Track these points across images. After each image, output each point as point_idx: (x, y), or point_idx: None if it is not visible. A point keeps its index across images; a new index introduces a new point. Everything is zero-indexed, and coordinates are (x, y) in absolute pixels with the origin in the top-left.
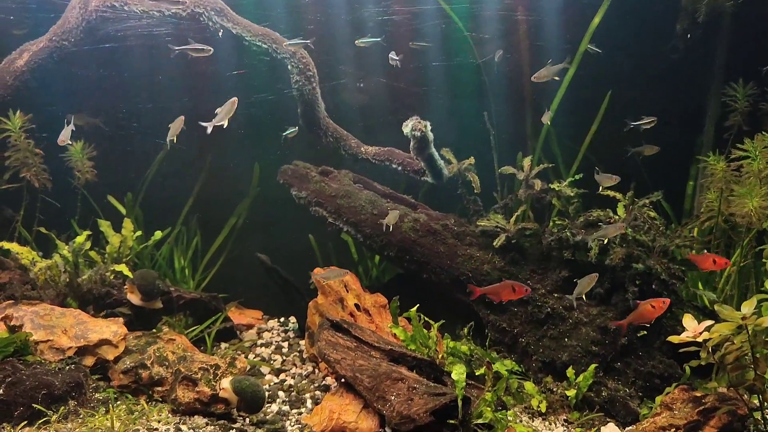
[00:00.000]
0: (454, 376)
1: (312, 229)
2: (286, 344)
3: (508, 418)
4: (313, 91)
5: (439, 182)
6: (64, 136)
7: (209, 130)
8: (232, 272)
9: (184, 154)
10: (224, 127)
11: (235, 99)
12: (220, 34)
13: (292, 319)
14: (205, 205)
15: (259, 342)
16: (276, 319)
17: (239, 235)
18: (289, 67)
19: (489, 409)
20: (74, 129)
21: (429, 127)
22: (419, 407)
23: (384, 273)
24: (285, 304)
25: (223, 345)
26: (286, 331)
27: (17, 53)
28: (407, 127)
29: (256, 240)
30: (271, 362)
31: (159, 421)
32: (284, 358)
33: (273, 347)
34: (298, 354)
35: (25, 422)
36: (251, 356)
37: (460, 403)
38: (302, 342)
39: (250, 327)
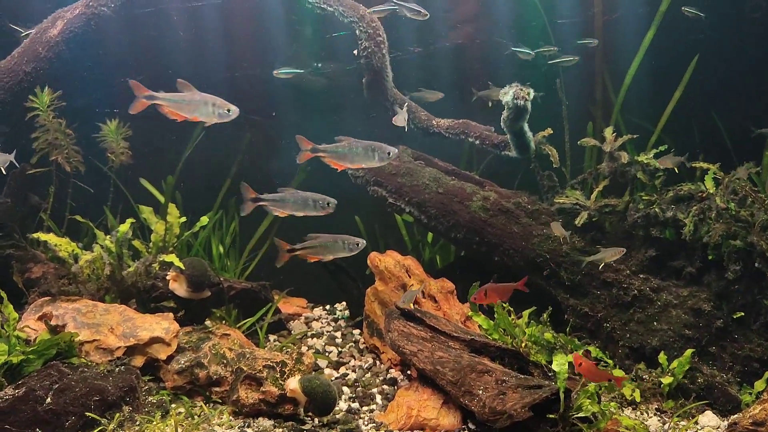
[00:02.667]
0: (555, 366)
1: (357, 211)
2: (338, 334)
3: (612, 410)
4: (382, 59)
5: (524, 156)
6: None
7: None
8: (272, 259)
9: (221, 134)
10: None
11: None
12: None
13: (338, 306)
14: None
15: (310, 333)
16: (321, 307)
17: (281, 219)
18: (357, 32)
19: (591, 401)
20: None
21: (532, 96)
22: (515, 402)
23: (437, 256)
24: (332, 290)
25: (272, 337)
26: (335, 320)
27: (50, 21)
28: (507, 95)
29: (300, 224)
30: (327, 354)
31: (221, 425)
32: (340, 349)
33: (325, 337)
34: (354, 344)
35: None
36: (304, 348)
37: (562, 396)
38: (356, 331)
39: (296, 316)
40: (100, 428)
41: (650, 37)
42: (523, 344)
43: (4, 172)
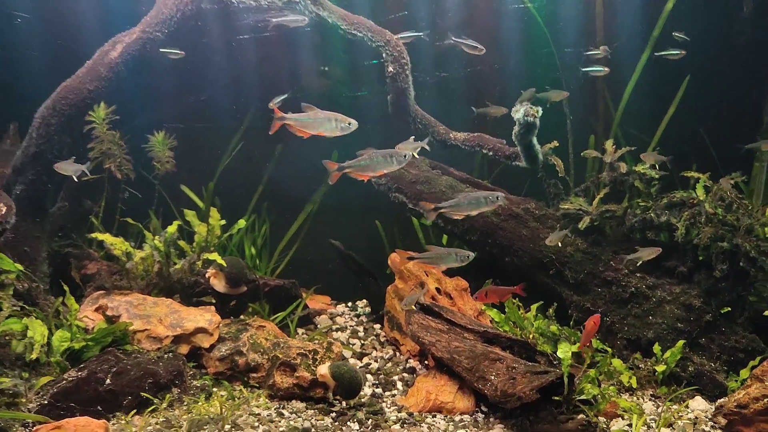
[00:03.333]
0: (560, 354)
1: (378, 216)
2: (360, 328)
3: (611, 393)
4: (406, 79)
5: (533, 167)
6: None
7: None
8: (299, 259)
9: (256, 144)
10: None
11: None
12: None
13: (359, 303)
14: (275, 194)
15: (334, 327)
16: (344, 304)
17: (309, 222)
18: (383, 55)
19: (591, 385)
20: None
21: (540, 114)
22: (524, 385)
23: None
24: (352, 288)
25: (300, 331)
26: (357, 316)
27: (110, 45)
28: (519, 113)
29: (324, 227)
30: (351, 346)
31: (259, 407)
32: (362, 342)
33: (349, 331)
34: (375, 337)
35: (134, 411)
36: (330, 340)
37: (566, 380)
38: (376, 325)
39: (321, 312)
40: (153, 407)
41: (644, 59)
42: (531, 336)
43: (76, 179)
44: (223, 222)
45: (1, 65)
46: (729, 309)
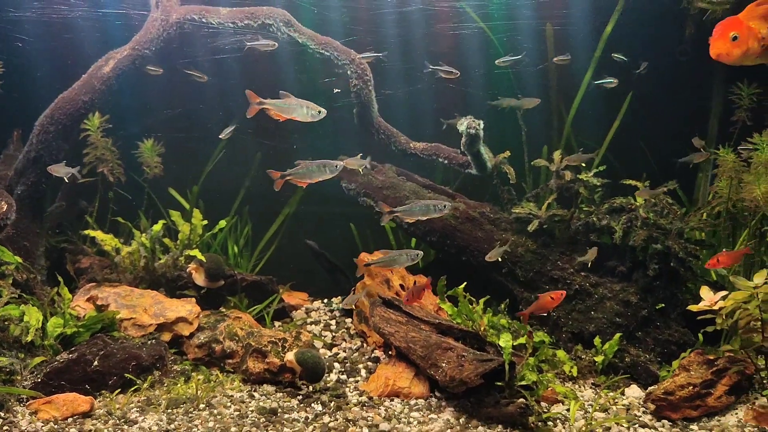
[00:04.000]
0: (501, 343)
1: (352, 219)
2: (333, 322)
3: (548, 379)
4: (369, 94)
5: (483, 174)
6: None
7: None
8: (279, 258)
9: (238, 152)
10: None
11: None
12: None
13: (335, 299)
14: (255, 197)
15: (309, 320)
16: (320, 300)
17: (288, 224)
18: (348, 72)
19: (532, 372)
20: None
21: (482, 126)
22: (470, 371)
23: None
24: (329, 285)
25: (277, 323)
26: (331, 311)
27: (104, 60)
28: (462, 125)
29: (302, 229)
30: (323, 338)
31: (233, 389)
32: (333, 334)
33: (322, 325)
34: (345, 330)
35: (119, 390)
36: (308, 334)
37: (507, 367)
38: (348, 320)
39: (298, 307)
40: (135, 387)
41: (588, 77)
42: (482, 328)
43: (67, 180)
44: (206, 222)
45: (8, 81)
46: (663, 305)
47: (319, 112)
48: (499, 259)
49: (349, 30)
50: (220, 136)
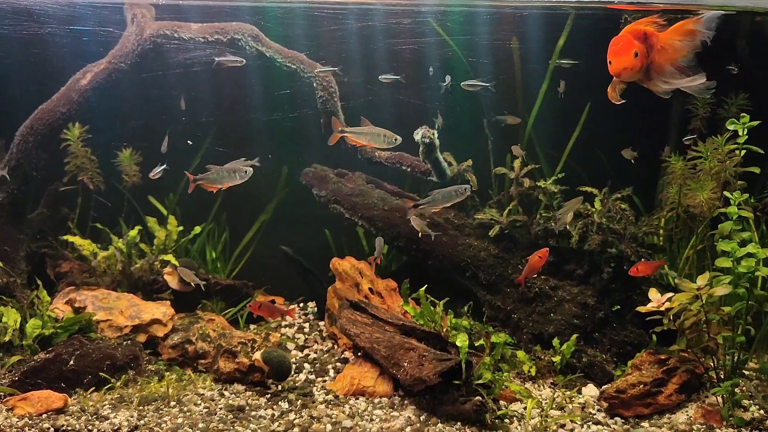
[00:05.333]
0: (458, 343)
1: (327, 225)
2: (307, 325)
3: (503, 378)
4: (335, 105)
5: (443, 181)
6: None
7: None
8: (256, 263)
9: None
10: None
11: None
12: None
13: (311, 304)
14: (232, 204)
15: (284, 324)
16: (296, 304)
17: (264, 230)
18: (314, 84)
19: (488, 371)
20: None
21: (436, 135)
22: (429, 371)
23: (391, 262)
24: (304, 290)
25: (252, 326)
26: (306, 314)
27: (81, 74)
28: (418, 135)
29: (278, 235)
30: (296, 340)
31: (204, 388)
32: (306, 336)
33: (296, 328)
34: (318, 333)
35: (93, 388)
36: (277, 335)
37: (464, 366)
38: (321, 323)
39: None
40: (109, 385)
41: (544, 89)
42: (445, 329)
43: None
44: (181, 228)
45: None
46: (619, 307)
47: (395, 139)
48: (462, 264)
49: (312, 45)
50: (150, 176)
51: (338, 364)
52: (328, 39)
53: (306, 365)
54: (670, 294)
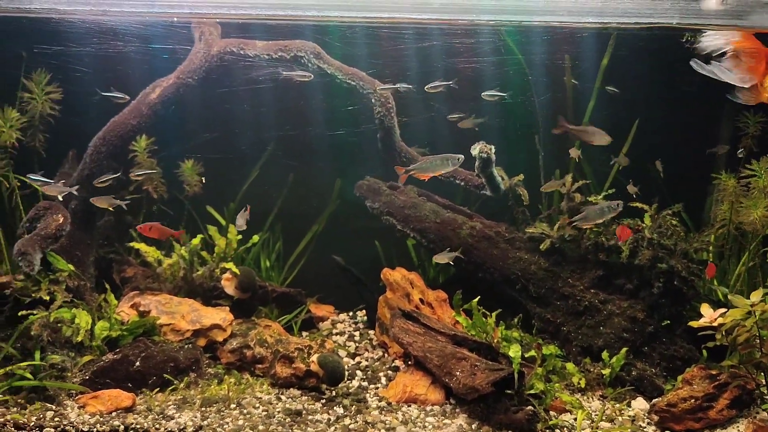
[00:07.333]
0: (511, 353)
1: (377, 237)
2: (357, 333)
3: (555, 389)
4: (391, 120)
5: (497, 195)
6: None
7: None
8: (308, 272)
9: (272, 173)
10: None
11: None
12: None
13: (360, 313)
14: (287, 215)
15: (334, 331)
16: (346, 313)
17: (317, 240)
18: (372, 100)
19: (540, 381)
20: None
21: (493, 150)
22: (482, 380)
23: (439, 274)
24: (355, 299)
25: (304, 333)
26: (356, 323)
27: (151, 88)
28: (475, 150)
29: (330, 245)
30: (346, 347)
31: (262, 392)
32: (357, 344)
33: (346, 336)
34: (368, 341)
35: (158, 389)
36: (332, 342)
37: (516, 375)
38: (371, 332)
39: (324, 319)
40: (173, 387)
41: (591, 106)
42: (495, 340)
43: (61, 199)
44: (240, 237)
45: (67, 106)
46: (669, 322)
47: (459, 159)
48: (512, 277)
49: (372, 63)
50: (130, 176)
51: (389, 372)
52: (389, 56)
53: (358, 372)
54: (723, 310)
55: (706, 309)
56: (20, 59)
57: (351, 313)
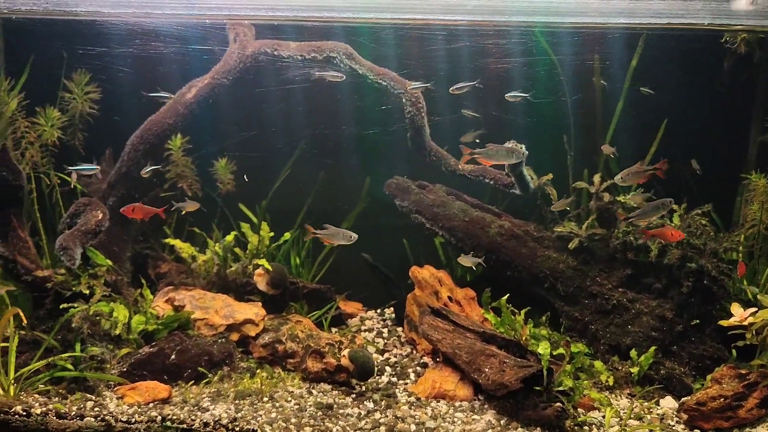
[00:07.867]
0: (540, 350)
1: (405, 236)
2: (385, 330)
3: (583, 386)
4: (421, 119)
5: (526, 194)
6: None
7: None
8: (337, 269)
9: (303, 171)
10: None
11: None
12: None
13: (388, 310)
14: (318, 213)
15: (363, 328)
16: (374, 310)
17: None
18: (403, 100)
19: (569, 378)
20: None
21: (523, 149)
22: (511, 376)
23: (467, 272)
24: (383, 296)
25: (334, 329)
26: (384, 320)
27: (186, 88)
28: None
29: (359, 243)
30: (375, 344)
31: (293, 386)
32: (386, 341)
33: (375, 332)
34: (397, 338)
35: (192, 382)
36: (362, 337)
37: (545, 372)
38: (399, 329)
39: (353, 316)
40: (207, 380)
41: (620, 106)
42: (524, 337)
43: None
44: (272, 234)
45: (107, 105)
46: (698, 321)
47: (524, 154)
48: (541, 275)
49: (402, 63)
50: (141, 173)
51: (418, 368)
52: (420, 56)
53: (387, 368)
54: (753, 309)
55: (736, 308)
56: (61, 60)
57: (379, 310)
